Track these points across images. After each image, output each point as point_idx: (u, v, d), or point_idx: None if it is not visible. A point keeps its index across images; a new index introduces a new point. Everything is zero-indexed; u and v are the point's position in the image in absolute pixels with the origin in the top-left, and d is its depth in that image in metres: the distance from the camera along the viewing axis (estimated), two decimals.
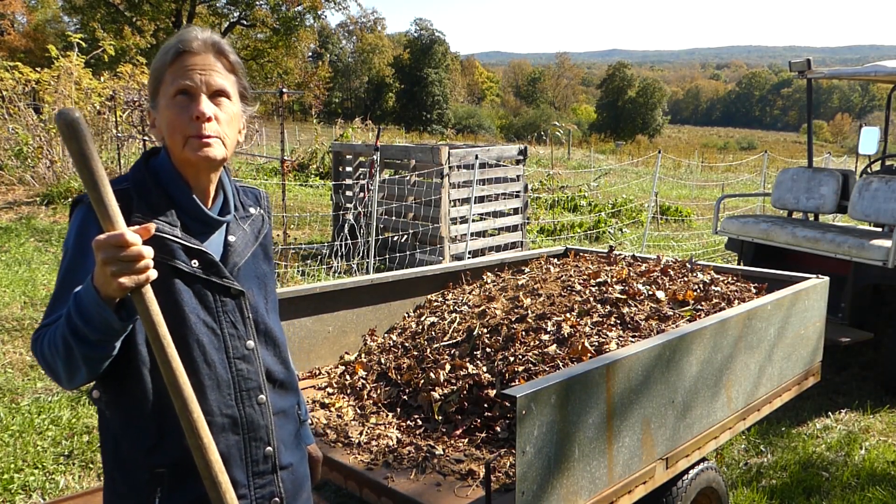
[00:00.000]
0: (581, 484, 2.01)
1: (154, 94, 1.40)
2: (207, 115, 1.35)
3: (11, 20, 38.82)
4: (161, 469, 1.35)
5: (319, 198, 13.32)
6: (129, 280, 1.14)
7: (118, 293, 1.16)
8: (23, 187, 10.93)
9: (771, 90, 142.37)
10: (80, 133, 1.14)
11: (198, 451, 1.23)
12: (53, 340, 1.23)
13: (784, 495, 3.52)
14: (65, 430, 3.91)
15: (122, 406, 1.36)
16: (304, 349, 3.17)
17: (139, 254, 1.15)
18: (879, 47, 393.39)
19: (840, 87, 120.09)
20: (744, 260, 5.90)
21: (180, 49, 1.36)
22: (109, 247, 1.13)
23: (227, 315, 1.41)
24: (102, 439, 1.42)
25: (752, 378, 2.81)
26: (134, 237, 1.14)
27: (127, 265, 1.14)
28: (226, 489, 1.26)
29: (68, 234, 1.37)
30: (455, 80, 73.42)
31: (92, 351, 1.21)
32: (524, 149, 8.93)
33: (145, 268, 1.16)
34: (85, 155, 1.15)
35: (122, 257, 1.13)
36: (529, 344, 2.85)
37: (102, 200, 1.16)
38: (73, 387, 1.30)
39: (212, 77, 1.38)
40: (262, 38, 34.95)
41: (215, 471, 1.24)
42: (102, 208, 1.16)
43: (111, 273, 1.13)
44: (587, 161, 27.49)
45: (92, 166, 1.15)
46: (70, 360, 1.22)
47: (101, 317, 1.17)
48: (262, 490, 1.45)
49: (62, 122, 1.13)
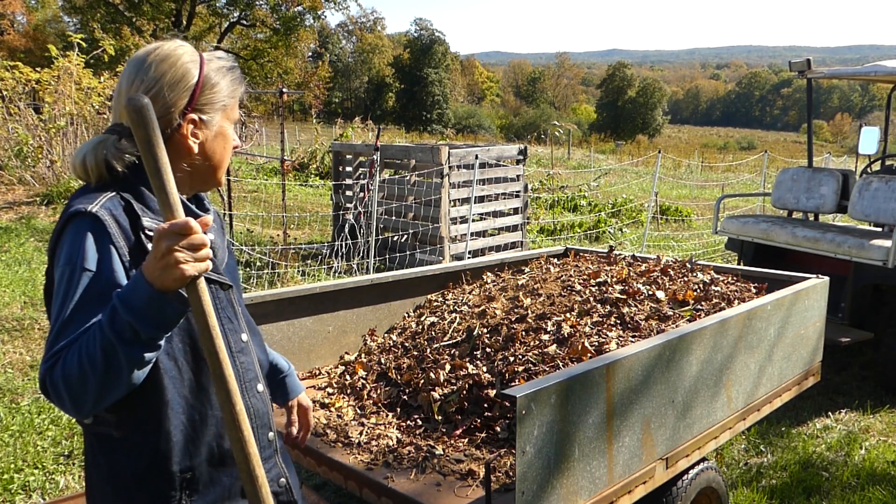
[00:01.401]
0: (581, 484, 2.01)
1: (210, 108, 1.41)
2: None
3: (11, 20, 38.84)
4: (187, 473, 1.35)
5: (319, 198, 13.32)
6: (192, 268, 1.15)
7: (178, 283, 1.14)
8: (23, 187, 10.93)
9: (771, 90, 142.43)
10: (148, 120, 1.17)
11: (237, 444, 1.24)
12: (87, 353, 1.14)
13: (784, 495, 3.52)
14: (65, 430, 3.91)
15: (139, 420, 1.32)
16: (304, 349, 3.17)
17: (202, 241, 1.16)
18: (879, 47, 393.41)
19: (840, 87, 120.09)
20: (744, 260, 5.90)
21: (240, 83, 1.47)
22: (175, 234, 1.14)
23: (224, 310, 1.43)
24: (109, 461, 1.35)
25: (752, 378, 2.81)
26: (197, 226, 1.16)
27: (191, 253, 1.15)
28: (262, 483, 1.26)
29: (73, 250, 1.25)
30: (455, 80, 73.44)
31: (141, 350, 1.16)
32: (524, 149, 8.93)
33: (206, 256, 1.17)
34: (151, 142, 1.18)
35: (187, 244, 1.14)
36: (529, 344, 2.85)
37: (165, 188, 1.18)
38: (98, 408, 1.21)
39: None
40: (262, 38, 34.95)
41: (253, 464, 1.24)
42: (164, 196, 1.18)
43: (175, 262, 1.13)
44: (587, 161, 27.50)
45: (157, 153, 1.18)
46: (110, 370, 1.15)
47: (157, 309, 1.14)
48: (270, 473, 1.48)
49: (131, 108, 1.16)
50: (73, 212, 1.27)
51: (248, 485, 1.26)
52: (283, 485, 1.52)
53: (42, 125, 11.29)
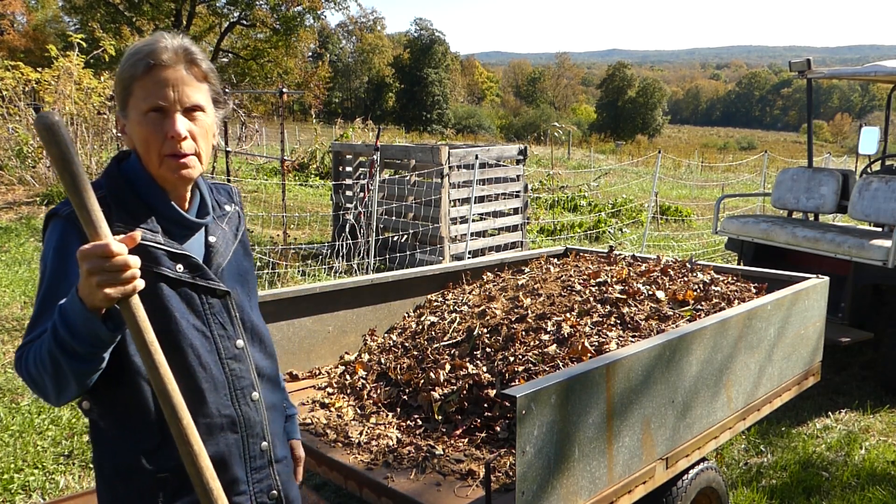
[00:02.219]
0: (581, 484, 2.01)
1: (123, 103, 1.36)
2: (183, 136, 1.33)
3: (11, 20, 38.85)
4: (164, 474, 1.35)
5: (319, 198, 13.32)
6: (115, 291, 1.11)
7: (105, 304, 1.12)
8: (23, 187, 10.93)
9: (771, 90, 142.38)
10: (60, 137, 1.10)
11: (188, 458, 1.22)
12: (39, 356, 1.19)
13: (784, 495, 3.52)
14: (65, 430, 3.91)
15: (118, 416, 1.34)
16: (304, 349, 3.17)
17: (125, 263, 1.11)
18: (879, 47, 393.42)
19: (840, 87, 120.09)
20: (744, 260, 5.90)
21: (150, 63, 1.32)
22: (94, 257, 1.09)
23: (215, 316, 1.41)
24: (98, 449, 1.40)
25: (752, 378, 2.81)
26: (119, 247, 1.11)
27: (113, 276, 1.10)
28: (217, 496, 1.24)
29: (46, 248, 1.31)
30: (455, 80, 73.43)
31: (81, 364, 1.17)
32: (524, 149, 8.93)
33: (132, 277, 1.12)
34: (66, 159, 1.10)
35: (108, 267, 1.10)
36: (529, 344, 2.85)
37: (85, 206, 1.12)
38: (61, 402, 1.26)
39: (185, 93, 1.34)
40: (262, 38, 34.92)
41: (206, 477, 1.23)
42: (86, 214, 1.12)
43: (97, 284, 1.09)
44: (587, 161, 27.49)
45: (74, 170, 1.11)
46: (58, 375, 1.19)
47: (88, 328, 1.14)
48: (261, 484, 1.47)
49: (41, 126, 1.10)
50: (49, 213, 1.33)
51: (204, 498, 1.24)
52: (273, 497, 1.49)
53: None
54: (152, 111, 1.33)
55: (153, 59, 1.32)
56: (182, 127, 1.34)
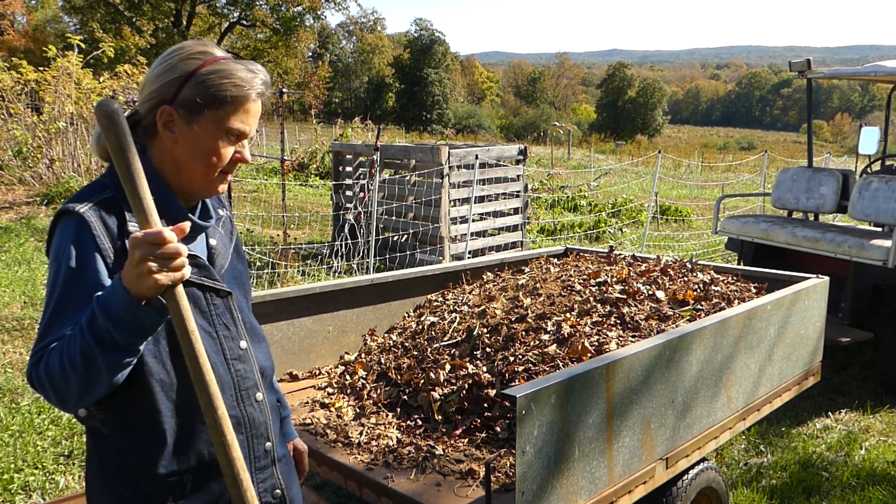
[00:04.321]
0: (581, 484, 2.01)
1: (200, 107, 1.33)
2: (248, 162, 1.42)
3: (11, 20, 38.85)
4: (174, 478, 1.35)
5: (319, 198, 13.32)
6: (166, 277, 1.13)
7: (153, 291, 1.14)
8: (23, 187, 10.93)
9: (771, 90, 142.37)
10: (120, 125, 1.14)
11: (221, 448, 1.23)
12: (68, 354, 1.16)
13: (784, 495, 3.52)
14: (65, 430, 3.91)
15: (126, 420, 1.32)
16: (304, 349, 3.17)
17: (177, 251, 1.14)
18: (879, 47, 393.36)
19: (840, 87, 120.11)
20: (744, 260, 5.90)
21: (253, 97, 1.38)
22: (147, 244, 1.12)
23: (219, 317, 1.41)
24: (100, 456, 1.37)
25: (752, 378, 2.81)
26: (171, 235, 1.14)
27: (165, 262, 1.13)
28: (247, 487, 1.26)
29: (60, 247, 1.28)
30: (455, 80, 73.41)
31: (119, 356, 1.17)
32: (524, 149, 8.93)
33: (181, 265, 1.16)
34: (123, 147, 1.15)
35: (160, 254, 1.13)
36: (529, 344, 2.85)
37: (138, 194, 1.16)
38: (82, 404, 1.25)
39: (254, 126, 1.42)
40: (262, 38, 34.91)
41: (237, 468, 1.24)
42: (138, 202, 1.16)
43: (148, 270, 1.12)
44: (587, 161, 27.48)
45: (129, 158, 1.15)
46: (89, 372, 1.17)
47: (132, 316, 1.14)
48: (265, 484, 1.47)
49: (101, 114, 1.14)
50: (61, 210, 1.30)
51: (233, 489, 1.26)
52: (277, 496, 1.50)
53: (42, 125, 11.29)
54: (233, 134, 1.38)
55: (257, 96, 1.39)
56: (249, 155, 1.44)
